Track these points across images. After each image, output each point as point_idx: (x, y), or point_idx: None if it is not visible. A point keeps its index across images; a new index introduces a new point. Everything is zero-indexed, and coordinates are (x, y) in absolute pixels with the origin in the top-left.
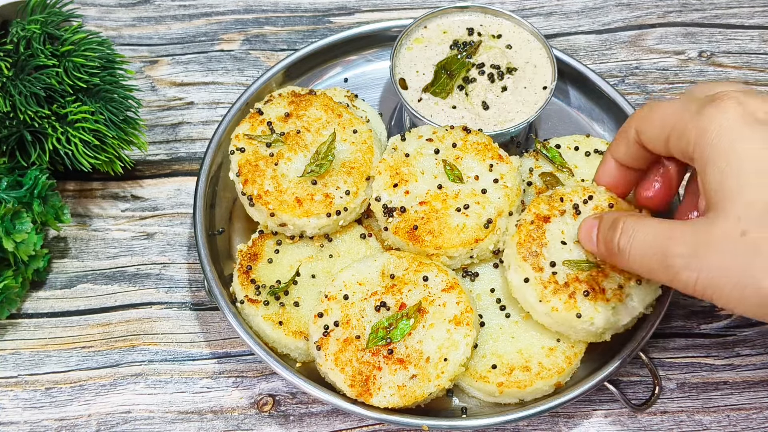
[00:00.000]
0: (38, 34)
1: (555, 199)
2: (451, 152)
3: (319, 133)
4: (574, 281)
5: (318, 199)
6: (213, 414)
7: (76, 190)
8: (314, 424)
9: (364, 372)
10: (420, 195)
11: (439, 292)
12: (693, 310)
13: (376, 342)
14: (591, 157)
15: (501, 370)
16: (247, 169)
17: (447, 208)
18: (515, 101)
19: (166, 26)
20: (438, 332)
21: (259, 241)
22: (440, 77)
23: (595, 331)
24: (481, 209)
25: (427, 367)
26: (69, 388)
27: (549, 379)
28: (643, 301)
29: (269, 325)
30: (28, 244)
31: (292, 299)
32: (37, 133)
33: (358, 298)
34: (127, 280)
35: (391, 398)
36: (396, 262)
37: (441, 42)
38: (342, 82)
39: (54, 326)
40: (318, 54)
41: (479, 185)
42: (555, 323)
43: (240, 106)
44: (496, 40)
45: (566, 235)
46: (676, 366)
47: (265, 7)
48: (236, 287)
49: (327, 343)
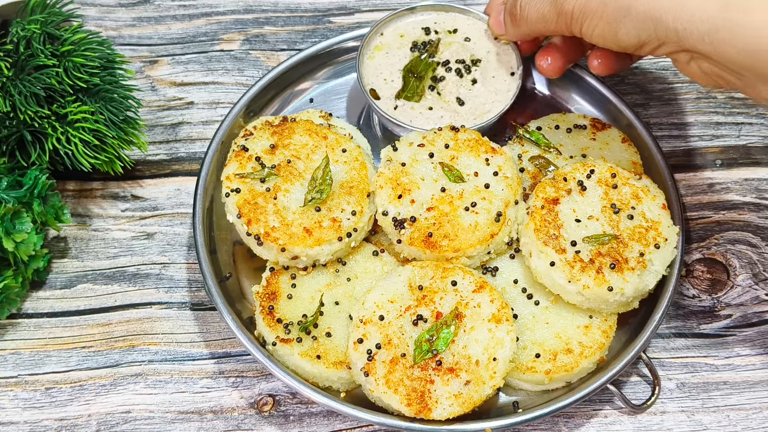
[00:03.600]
0: (38, 34)
1: (558, 180)
2: (446, 153)
3: (310, 159)
4: (598, 256)
5: (326, 225)
6: (213, 414)
7: (76, 190)
8: (314, 424)
9: (418, 388)
10: (426, 201)
11: (471, 293)
12: (693, 310)
13: (423, 356)
14: (573, 133)
15: (545, 358)
16: (248, 208)
17: (455, 209)
18: (488, 92)
19: (166, 26)
20: (480, 334)
21: (273, 279)
22: (409, 81)
23: (626, 300)
24: (488, 204)
25: (478, 370)
26: (69, 388)
27: (592, 356)
28: (664, 264)
29: (307, 361)
30: (28, 244)
31: (323, 331)
32: (37, 133)
33: (394, 316)
34: (127, 280)
35: (450, 408)
36: (420, 272)
37: (400, 46)
38: (309, 103)
39: (54, 326)
40: (281, 78)
41: (480, 181)
42: (587, 300)
43: (241, 107)
44: (453, 35)
45: (578, 212)
46: (676, 366)
47: (265, 7)
48: (263, 330)
49: (374, 368)
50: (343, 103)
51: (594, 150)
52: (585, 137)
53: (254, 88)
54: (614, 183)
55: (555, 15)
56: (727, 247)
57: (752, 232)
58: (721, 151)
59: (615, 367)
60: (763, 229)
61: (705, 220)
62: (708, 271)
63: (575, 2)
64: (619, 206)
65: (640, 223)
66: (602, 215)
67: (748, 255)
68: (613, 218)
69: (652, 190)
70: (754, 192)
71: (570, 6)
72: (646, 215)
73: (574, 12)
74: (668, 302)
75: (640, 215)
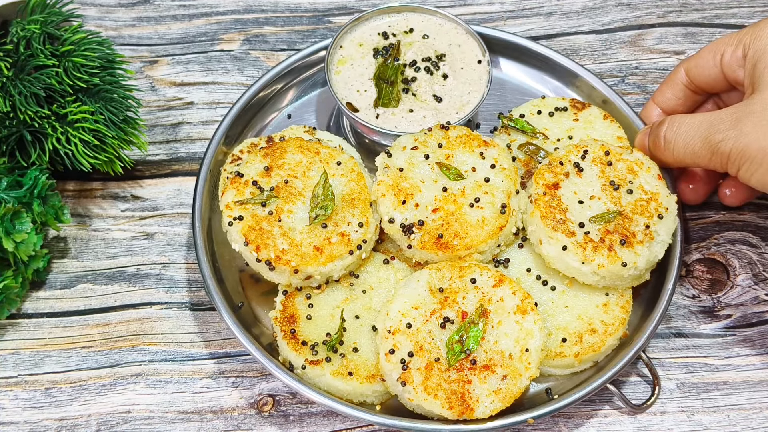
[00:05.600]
0: (38, 34)
1: (555, 164)
2: (440, 153)
3: (307, 176)
4: (607, 234)
5: (335, 241)
6: (213, 414)
7: (76, 190)
8: (314, 424)
9: (457, 390)
10: (430, 203)
11: (492, 288)
12: (693, 310)
13: (457, 357)
14: (556, 116)
15: (572, 341)
16: (254, 235)
17: (460, 207)
18: (461, 84)
19: (166, 26)
20: (508, 327)
21: (288, 302)
22: (382, 88)
23: (639, 273)
24: (491, 197)
25: (513, 363)
26: (69, 388)
27: (616, 333)
28: (669, 232)
29: (340, 380)
30: (28, 244)
31: (349, 347)
32: (37, 133)
33: (421, 322)
34: (127, 280)
35: (492, 405)
36: (438, 275)
37: (363, 55)
38: (287, 119)
39: (54, 326)
40: (255, 102)
41: (479, 175)
42: (602, 279)
43: (240, 107)
44: (411, 35)
45: (580, 194)
46: (676, 366)
47: (265, 7)
48: (289, 355)
49: (410, 376)
50: (316, 116)
51: (578, 130)
52: (568, 119)
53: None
54: (609, 160)
55: (708, 154)
56: (727, 247)
57: (752, 232)
58: None
59: (614, 367)
60: (763, 229)
61: (705, 220)
62: (708, 271)
63: (733, 145)
64: (618, 182)
65: (641, 196)
66: (603, 193)
67: (748, 255)
68: (614, 195)
69: (645, 162)
70: None
71: (727, 148)
72: (645, 188)
73: (732, 154)
74: (668, 302)
75: (638, 189)
